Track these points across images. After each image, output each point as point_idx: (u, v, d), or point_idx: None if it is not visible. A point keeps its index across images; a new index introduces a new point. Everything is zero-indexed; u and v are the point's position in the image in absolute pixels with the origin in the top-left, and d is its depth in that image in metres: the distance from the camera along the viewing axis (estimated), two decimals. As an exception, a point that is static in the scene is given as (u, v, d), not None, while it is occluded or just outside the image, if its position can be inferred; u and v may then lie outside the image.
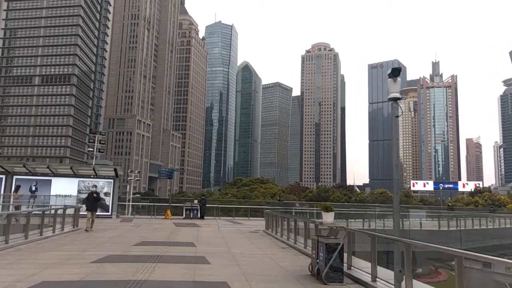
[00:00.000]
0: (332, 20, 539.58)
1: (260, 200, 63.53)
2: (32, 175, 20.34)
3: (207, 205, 23.68)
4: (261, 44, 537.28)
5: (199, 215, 22.28)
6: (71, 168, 19.59)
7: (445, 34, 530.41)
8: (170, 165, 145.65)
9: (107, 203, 20.98)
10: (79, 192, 20.59)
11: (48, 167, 19.09)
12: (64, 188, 20.45)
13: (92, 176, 21.33)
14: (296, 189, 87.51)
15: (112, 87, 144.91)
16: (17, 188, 19.35)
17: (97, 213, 21.23)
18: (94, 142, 26.10)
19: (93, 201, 13.87)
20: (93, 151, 26.50)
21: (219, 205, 24.83)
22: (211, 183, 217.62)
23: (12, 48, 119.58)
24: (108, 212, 21.01)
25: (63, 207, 13.63)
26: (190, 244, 10.65)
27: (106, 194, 21.01)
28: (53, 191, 20.24)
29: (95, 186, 15.22)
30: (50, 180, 20.41)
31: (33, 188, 20.27)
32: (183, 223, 18.92)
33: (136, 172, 41.19)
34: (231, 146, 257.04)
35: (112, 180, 20.95)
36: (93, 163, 22.50)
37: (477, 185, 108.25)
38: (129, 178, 41.07)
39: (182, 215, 23.03)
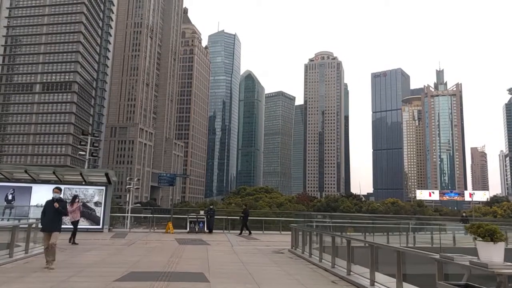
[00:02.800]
0: (335, 29, 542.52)
1: (267, 210, 60.14)
2: (9, 181, 17.20)
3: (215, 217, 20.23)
4: (264, 53, 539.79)
5: (206, 229, 18.94)
6: (54, 172, 16.37)
7: (449, 43, 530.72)
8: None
9: (97, 214, 17.75)
10: (64, 201, 17.38)
11: (26, 171, 15.94)
12: (47, 197, 17.25)
13: (82, 183, 18.15)
14: (304, 198, 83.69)
15: (114, 95, 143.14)
16: (74, 198, 14.02)
17: (87, 227, 17.99)
18: (86, 144, 22.95)
19: (52, 215, 8.14)
20: (85, 154, 23.32)
21: (228, 217, 21.22)
22: (214, 193, 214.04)
23: (13, 56, 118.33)
24: (98, 225, 17.74)
25: (33, 220, 10.40)
26: (199, 276, 7.32)
27: (97, 203, 17.79)
28: (34, 201, 17.05)
29: (58, 190, 8.87)
30: (30, 188, 17.22)
31: (10, 197, 17.10)
32: (187, 239, 15.60)
33: (136, 179, 37.93)
34: (234, 155, 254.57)
35: (104, 188, 17.74)
36: (85, 167, 19.25)
37: (485, 194, 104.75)
38: (127, 186, 37.94)
39: (186, 228, 19.72)
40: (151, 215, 20.23)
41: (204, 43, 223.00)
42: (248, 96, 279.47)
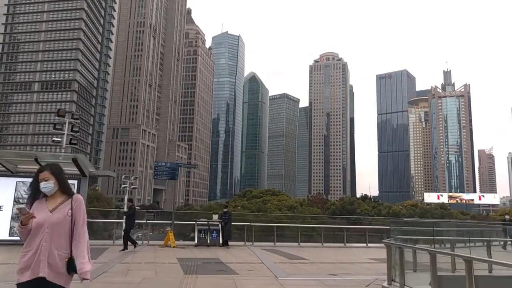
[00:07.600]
0: (340, 30, 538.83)
1: (278, 214, 54.75)
2: None
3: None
4: (268, 54, 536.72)
5: (221, 241, 13.40)
6: (-5, 157, 10.75)
7: (456, 43, 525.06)
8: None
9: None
10: (16, 200, 12.01)
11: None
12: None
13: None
14: (318, 200, 77.65)
15: (116, 96, 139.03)
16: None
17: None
18: (61, 129, 17.46)
19: None
20: (60, 141, 17.92)
21: (251, 224, 15.23)
22: (218, 196, 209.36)
23: (11, 53, 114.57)
24: (68, 235, 12.30)
25: None
26: None
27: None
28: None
29: None
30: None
31: None
32: (197, 261, 10.08)
33: (133, 178, 32.47)
34: (237, 158, 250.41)
35: (75, 182, 12.34)
36: (62, 154, 13.84)
37: (494, 197, 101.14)
38: (123, 186, 32.67)
39: (192, 238, 14.23)
40: (145, 221, 14.73)
41: (208, 44, 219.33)
42: (252, 98, 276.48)
